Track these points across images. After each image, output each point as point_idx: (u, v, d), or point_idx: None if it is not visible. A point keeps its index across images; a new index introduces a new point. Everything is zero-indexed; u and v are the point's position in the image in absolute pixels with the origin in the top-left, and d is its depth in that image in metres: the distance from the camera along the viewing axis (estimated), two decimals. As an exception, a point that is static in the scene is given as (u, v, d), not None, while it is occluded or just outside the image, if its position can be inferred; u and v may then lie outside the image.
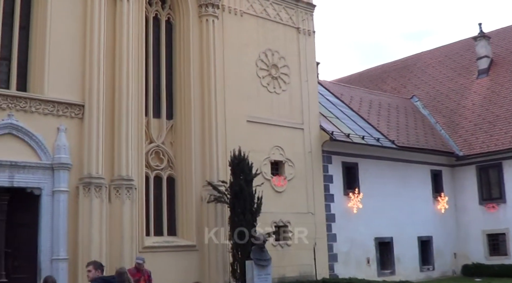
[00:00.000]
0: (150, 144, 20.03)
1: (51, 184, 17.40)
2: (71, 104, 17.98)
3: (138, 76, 19.52)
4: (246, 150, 20.17)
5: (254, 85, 23.12)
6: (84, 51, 18.42)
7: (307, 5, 25.91)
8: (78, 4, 18.68)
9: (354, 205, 25.64)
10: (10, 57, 17.62)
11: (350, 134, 26.27)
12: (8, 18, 17.74)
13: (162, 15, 21.36)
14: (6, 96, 16.95)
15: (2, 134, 16.81)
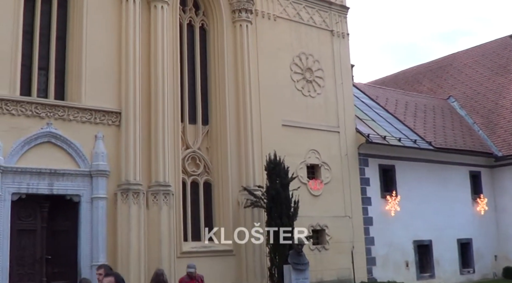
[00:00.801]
0: (186, 150, 20.14)
1: (89, 191, 17.63)
2: (108, 112, 18.21)
3: (174, 82, 19.68)
4: (282, 154, 20.15)
5: (289, 89, 23.10)
6: (120, 59, 18.65)
7: (341, 7, 25.81)
8: (113, 13, 18.93)
9: (391, 207, 25.40)
10: (48, 67, 17.94)
11: (387, 137, 26.06)
12: (46, 29, 18.06)
13: (196, 22, 21.50)
14: (45, 105, 17.24)
15: (42, 143, 17.10)
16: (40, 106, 17.12)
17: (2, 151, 16.18)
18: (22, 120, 16.79)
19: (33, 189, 16.74)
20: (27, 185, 16.64)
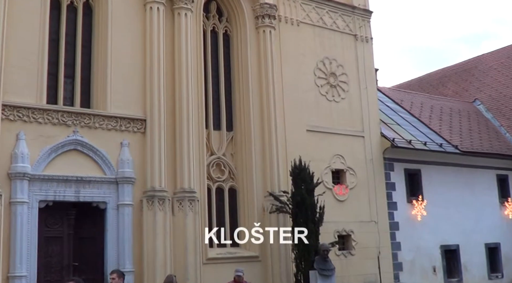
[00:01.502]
0: (211, 156, 20.19)
1: (115, 198, 17.76)
2: (134, 119, 18.33)
3: (198, 89, 19.76)
4: (307, 159, 20.10)
5: (313, 94, 23.05)
6: (145, 66, 18.78)
7: (364, 11, 25.72)
8: (138, 21, 19.08)
9: (418, 212, 25.17)
10: (74, 75, 18.11)
11: (412, 141, 25.85)
12: (71, 37, 18.26)
13: (219, 28, 21.57)
14: (71, 113, 17.41)
15: (68, 151, 17.27)
16: (66, 114, 17.29)
17: (30, 159, 16.36)
18: (48, 129, 16.97)
19: (60, 196, 16.90)
20: (54, 192, 16.81)
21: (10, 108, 16.35)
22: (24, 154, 16.25)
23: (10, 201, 15.94)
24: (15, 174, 16.07)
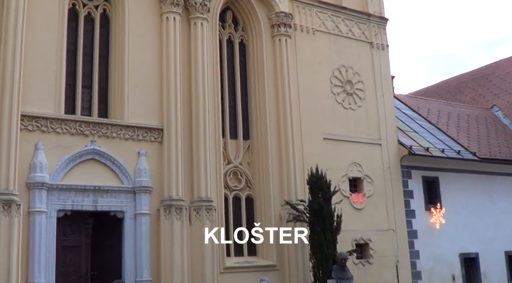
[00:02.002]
0: (228, 165, 20.21)
1: (133, 207, 17.83)
2: (151, 129, 18.41)
3: (214, 98, 19.82)
4: (324, 168, 20.06)
5: (329, 102, 23.03)
6: (161, 76, 18.88)
7: (380, 19, 25.68)
8: (154, 31, 19.22)
9: (436, 220, 24.99)
10: (91, 85, 18.27)
11: (430, 148, 25.70)
12: (89, 48, 18.44)
13: (235, 37, 21.65)
14: (89, 123, 17.54)
15: (86, 160, 17.38)
16: (84, 124, 17.42)
17: (48, 169, 16.49)
18: (66, 138, 17.10)
19: (77, 206, 17.00)
20: (72, 201, 16.92)
21: (28, 118, 16.50)
22: (43, 163, 16.37)
23: (28, 210, 16.05)
24: (34, 183, 16.19)
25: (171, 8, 19.27)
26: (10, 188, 15.51)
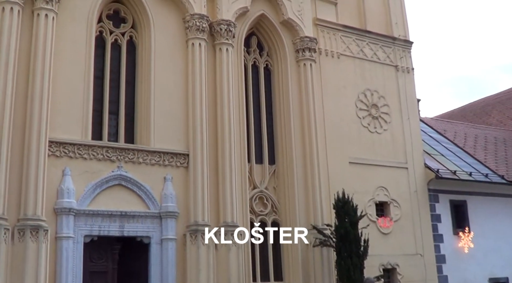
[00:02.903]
0: (253, 190, 20.20)
1: (159, 232, 17.84)
2: (176, 154, 18.48)
3: (240, 123, 19.88)
4: (350, 192, 19.95)
5: (355, 126, 22.97)
6: (187, 101, 19.00)
7: (404, 42, 25.66)
8: (180, 57, 19.39)
9: (465, 244, 24.67)
10: (118, 111, 18.46)
11: (457, 171, 25.47)
12: (115, 74, 18.67)
13: (260, 62, 21.76)
14: (115, 148, 17.66)
15: (113, 186, 17.46)
16: (111, 150, 17.55)
17: (75, 194, 16.59)
18: (93, 164, 17.22)
19: (104, 231, 17.06)
20: (99, 227, 16.97)
21: (56, 144, 16.67)
22: (70, 189, 16.49)
23: (56, 236, 16.14)
24: (61, 209, 16.30)
25: (197, 34, 19.45)
26: (38, 214, 15.62)
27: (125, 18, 19.31)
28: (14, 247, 15.23)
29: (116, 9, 19.22)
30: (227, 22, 20.08)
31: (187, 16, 19.57)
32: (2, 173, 15.28)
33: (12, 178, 15.61)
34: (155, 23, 19.17)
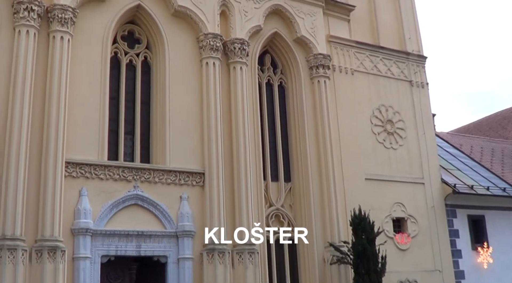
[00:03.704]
0: (269, 208, 20.17)
1: (176, 252, 17.84)
2: (192, 173, 18.53)
3: (255, 141, 19.91)
4: (366, 208, 19.84)
5: (370, 142, 22.92)
6: (202, 120, 19.08)
7: (418, 57, 25.63)
8: (194, 77, 19.52)
9: (484, 260, 24.40)
10: (134, 131, 18.57)
11: (474, 186, 25.27)
12: (131, 95, 18.82)
13: (274, 80, 21.83)
14: (131, 168, 17.74)
15: (129, 205, 17.52)
16: (127, 170, 17.62)
17: (92, 215, 16.66)
18: (110, 184, 17.30)
19: (121, 251, 17.08)
20: (116, 247, 17.01)
21: (73, 165, 16.78)
22: (87, 209, 16.56)
23: (73, 257, 16.18)
24: (78, 229, 16.36)
25: (211, 54, 19.57)
26: (55, 234, 15.70)
27: (140, 39, 19.49)
28: (31, 268, 15.31)
29: (130, 30, 19.41)
30: (241, 41, 20.20)
31: (201, 35, 19.71)
32: (19, 194, 15.41)
33: (30, 199, 15.73)
34: (169, 43, 19.32)
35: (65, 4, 17.36)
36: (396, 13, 25.94)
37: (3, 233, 15.09)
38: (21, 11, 16.73)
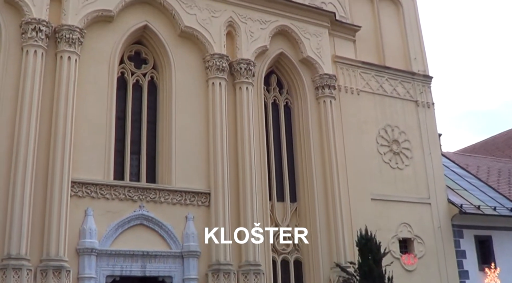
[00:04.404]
0: (275, 228, 20.08)
1: (181, 272, 17.81)
2: (198, 193, 18.52)
3: (261, 161, 19.90)
4: (373, 229, 19.73)
5: (376, 162, 22.87)
6: (208, 140, 19.11)
7: (424, 77, 25.65)
8: (200, 97, 19.61)
9: (491, 281, 24.15)
10: (140, 151, 18.62)
11: (481, 206, 25.11)
12: (137, 115, 18.91)
13: (280, 100, 21.87)
14: (137, 188, 17.75)
15: (134, 225, 17.53)
16: (132, 189, 17.64)
17: (97, 234, 16.65)
18: (115, 204, 17.32)
19: (126, 271, 17.06)
20: (121, 267, 16.98)
21: (79, 185, 16.82)
22: (92, 229, 16.55)
23: (78, 277, 16.17)
24: (83, 249, 16.35)
25: (217, 74, 19.65)
26: (60, 254, 15.69)
27: (146, 59, 19.60)
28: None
29: (137, 50, 19.55)
30: (247, 61, 20.28)
31: (207, 56, 19.81)
32: (25, 213, 15.45)
33: (35, 218, 15.77)
34: (176, 64, 19.43)
35: (72, 25, 17.52)
36: (401, 33, 26.01)
37: (8, 253, 15.11)
38: (29, 31, 16.89)
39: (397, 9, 26.41)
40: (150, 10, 19.58)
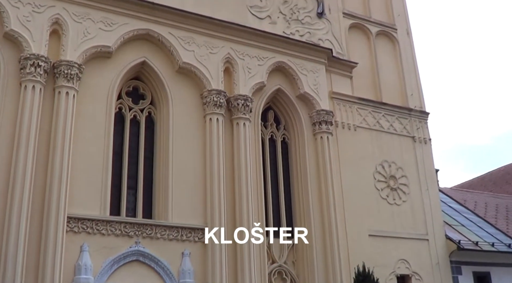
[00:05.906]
0: (272, 264, 19.93)
1: (177, 309, 17.58)
2: (194, 229, 18.41)
3: (258, 197, 19.85)
4: (370, 265, 19.54)
5: (373, 198, 22.83)
6: (205, 176, 19.08)
7: (421, 113, 25.78)
8: (198, 132, 19.62)
9: (490, 318, 24.03)
10: (136, 186, 18.54)
11: (479, 242, 25.04)
12: (134, 150, 18.88)
13: (277, 136, 21.93)
14: (133, 224, 17.64)
15: (130, 261, 17.34)
16: (129, 225, 17.53)
17: (92, 271, 16.47)
18: (111, 240, 17.17)
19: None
20: (116, 304, 16.78)
21: (74, 220, 16.71)
22: (87, 265, 16.40)
23: (73, 313, 15.98)
24: (78, 286, 16.19)
25: (214, 110, 19.73)
26: (55, 291, 15.50)
27: (144, 95, 19.69)
28: (30, 326, 15.09)
29: (135, 86, 19.65)
30: (244, 97, 20.38)
31: (205, 92, 19.92)
32: (20, 248, 15.31)
33: (30, 254, 15.62)
34: (173, 99, 19.51)
35: (71, 60, 17.63)
36: (398, 69, 26.23)
37: (3, 289, 14.95)
38: (27, 67, 16.98)
39: (394, 46, 26.68)
40: (149, 46, 19.75)
